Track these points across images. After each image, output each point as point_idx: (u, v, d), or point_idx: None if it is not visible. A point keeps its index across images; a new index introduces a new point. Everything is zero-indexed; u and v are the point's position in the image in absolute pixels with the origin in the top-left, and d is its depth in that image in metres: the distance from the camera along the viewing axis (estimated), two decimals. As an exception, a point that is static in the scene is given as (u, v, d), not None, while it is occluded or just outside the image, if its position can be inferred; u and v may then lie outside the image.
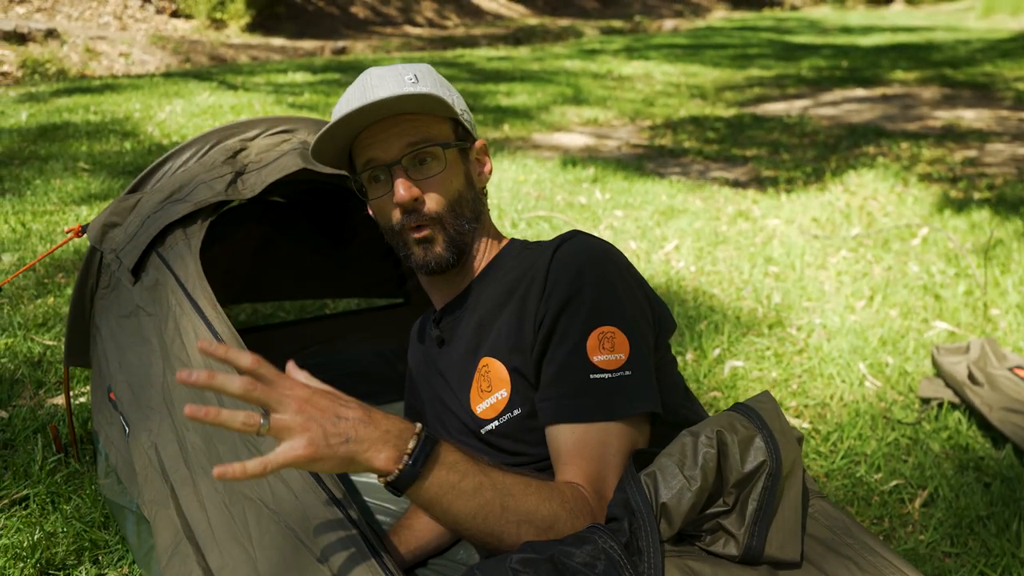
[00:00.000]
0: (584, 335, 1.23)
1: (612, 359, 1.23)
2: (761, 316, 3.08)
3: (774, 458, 1.14)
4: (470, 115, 1.43)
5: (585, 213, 4.35)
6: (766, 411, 1.21)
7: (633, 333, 1.24)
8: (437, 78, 1.39)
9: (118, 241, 1.89)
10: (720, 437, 1.15)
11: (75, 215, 4.02)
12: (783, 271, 3.55)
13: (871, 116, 7.59)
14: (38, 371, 2.55)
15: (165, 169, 2.02)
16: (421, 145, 1.31)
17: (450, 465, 1.07)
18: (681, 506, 1.11)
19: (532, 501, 1.13)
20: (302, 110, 7.08)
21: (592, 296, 1.25)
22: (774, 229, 4.18)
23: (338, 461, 1.01)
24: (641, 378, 1.23)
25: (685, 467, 1.13)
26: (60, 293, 3.11)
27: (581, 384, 1.23)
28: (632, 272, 1.32)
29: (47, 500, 1.95)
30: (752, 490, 1.14)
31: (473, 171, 1.41)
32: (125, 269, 1.80)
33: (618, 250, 1.34)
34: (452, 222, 1.35)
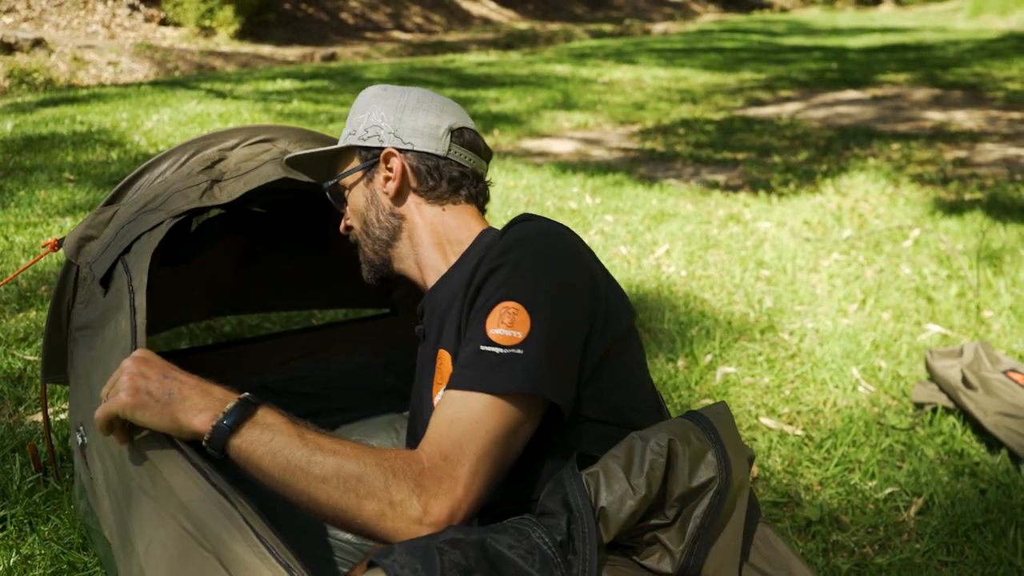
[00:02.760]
0: (489, 309, 1.19)
1: (507, 335, 1.16)
2: (753, 321, 3.05)
3: (724, 476, 1.08)
4: (387, 125, 1.45)
5: (575, 218, 4.32)
6: (722, 424, 1.15)
7: (541, 314, 1.17)
8: (356, 106, 1.50)
9: (93, 254, 1.85)
10: (671, 446, 1.08)
11: (59, 226, 3.97)
12: (775, 275, 3.52)
13: (862, 118, 7.58)
14: (18, 387, 2.51)
15: (142, 181, 1.98)
16: (322, 189, 1.55)
17: (265, 425, 1.10)
18: (621, 513, 1.05)
19: (339, 458, 1.08)
20: (290, 118, 7.04)
21: (508, 273, 1.21)
22: (765, 232, 4.15)
23: (159, 413, 1.12)
24: (536, 361, 1.14)
25: (631, 473, 1.07)
26: (42, 307, 3.07)
27: (471, 355, 1.18)
28: (572, 257, 1.26)
29: (24, 521, 1.91)
30: (696, 506, 1.08)
31: (379, 186, 1.46)
32: (95, 280, 1.76)
33: (565, 234, 1.29)
34: (365, 243, 1.49)
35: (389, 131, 1.44)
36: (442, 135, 1.46)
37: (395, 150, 1.43)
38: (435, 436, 1.12)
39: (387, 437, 2.23)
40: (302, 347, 2.46)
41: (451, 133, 1.46)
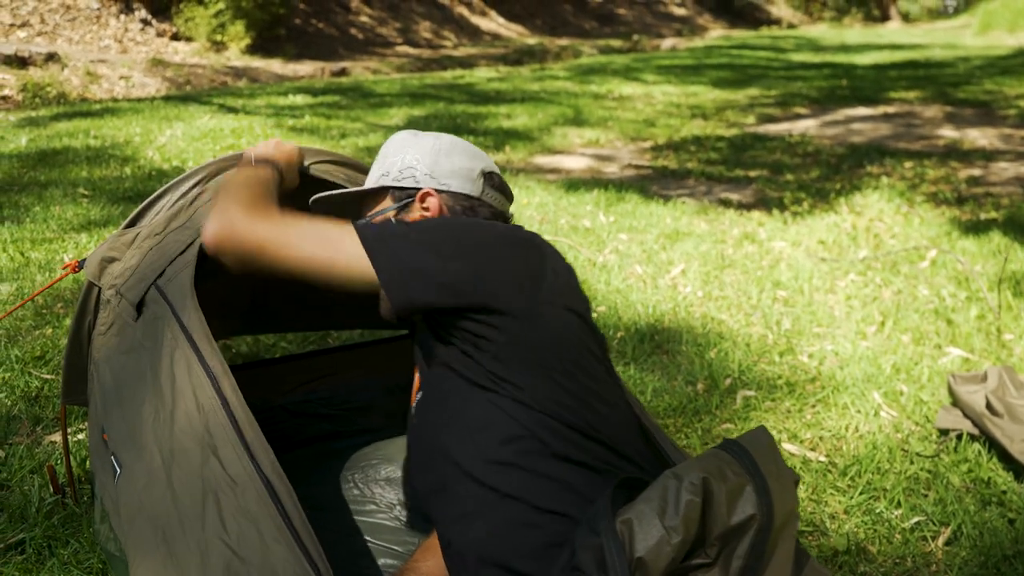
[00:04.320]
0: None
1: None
2: (771, 343, 3.03)
3: (765, 512, 1.05)
4: (422, 167, 1.52)
5: (590, 236, 4.31)
6: (760, 452, 1.12)
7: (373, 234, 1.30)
8: (387, 149, 1.57)
9: (117, 276, 1.84)
10: (706, 485, 1.05)
11: (74, 243, 3.98)
12: (792, 295, 3.50)
13: (874, 135, 7.57)
14: (35, 407, 2.50)
15: (163, 202, 1.97)
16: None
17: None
18: (659, 561, 1.01)
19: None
20: (303, 133, 7.06)
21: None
22: (781, 252, 4.13)
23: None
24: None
25: (666, 516, 1.04)
26: (59, 324, 3.06)
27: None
28: (470, 234, 1.34)
29: (44, 545, 1.89)
30: (738, 545, 1.04)
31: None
32: (127, 304, 1.75)
33: (481, 221, 1.43)
34: None
35: (425, 172, 1.51)
36: (476, 177, 1.52)
37: (433, 190, 1.50)
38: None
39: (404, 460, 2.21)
40: (321, 369, 2.45)
41: (484, 176, 1.52)
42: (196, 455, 1.28)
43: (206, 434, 1.28)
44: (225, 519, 1.16)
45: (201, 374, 1.37)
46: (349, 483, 2.16)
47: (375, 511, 2.03)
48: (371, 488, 2.14)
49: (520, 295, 1.26)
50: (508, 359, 1.25)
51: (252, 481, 1.18)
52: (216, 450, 1.24)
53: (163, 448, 1.45)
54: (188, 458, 1.30)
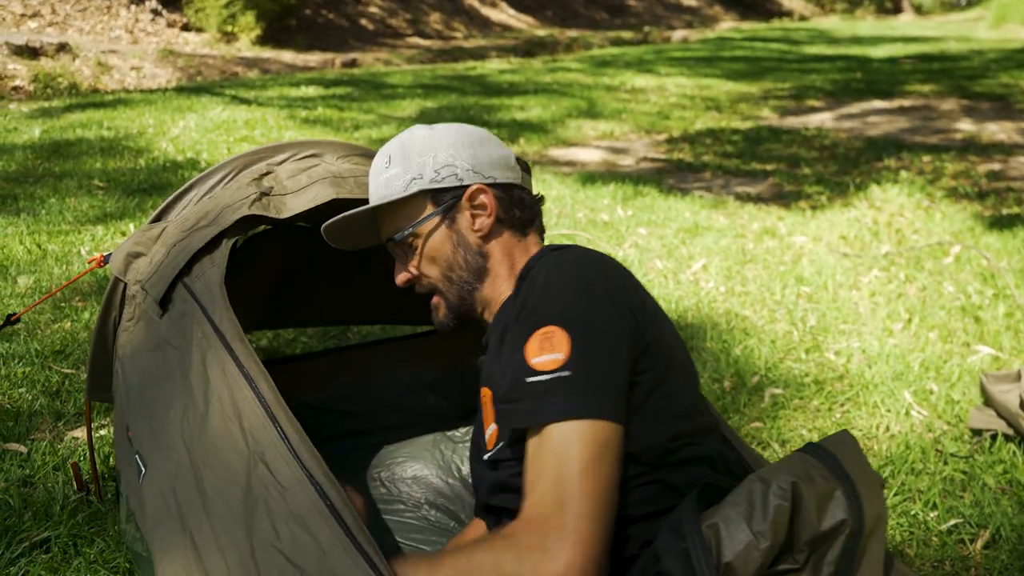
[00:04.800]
0: (526, 339, 1.16)
1: (550, 360, 1.13)
2: (797, 340, 2.99)
3: (856, 516, 1.03)
4: (462, 162, 1.38)
5: (608, 231, 4.27)
6: (846, 456, 1.09)
7: (579, 332, 1.14)
8: (408, 148, 1.40)
9: (142, 272, 1.82)
10: (795, 489, 1.02)
11: (91, 235, 3.96)
12: (815, 292, 3.46)
13: (890, 128, 7.51)
14: (56, 401, 2.48)
15: (190, 197, 1.95)
16: (387, 241, 1.44)
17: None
18: (748, 566, 0.98)
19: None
20: (315, 125, 7.02)
21: (539, 300, 1.19)
22: (802, 247, 4.09)
23: None
24: (585, 379, 1.11)
25: (753, 520, 1.00)
26: (77, 318, 3.04)
27: (517, 389, 1.14)
28: (608, 278, 1.22)
29: (69, 543, 1.87)
30: (829, 551, 1.01)
31: (465, 226, 1.39)
32: (152, 301, 1.73)
33: (599, 258, 1.27)
34: (448, 289, 1.41)
35: (467, 168, 1.38)
36: (514, 164, 1.44)
37: (484, 186, 1.39)
38: (530, 495, 1.09)
39: (431, 459, 2.18)
40: (344, 365, 2.42)
41: (517, 161, 1.45)
42: (236, 461, 1.25)
43: (249, 439, 1.25)
44: (278, 526, 1.14)
45: (238, 376, 1.34)
46: (376, 481, 2.14)
47: (403, 510, 2.01)
48: (398, 487, 2.11)
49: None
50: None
51: (303, 486, 1.15)
52: (263, 456, 1.22)
53: (193, 450, 1.42)
54: (224, 463, 1.27)
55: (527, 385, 1.13)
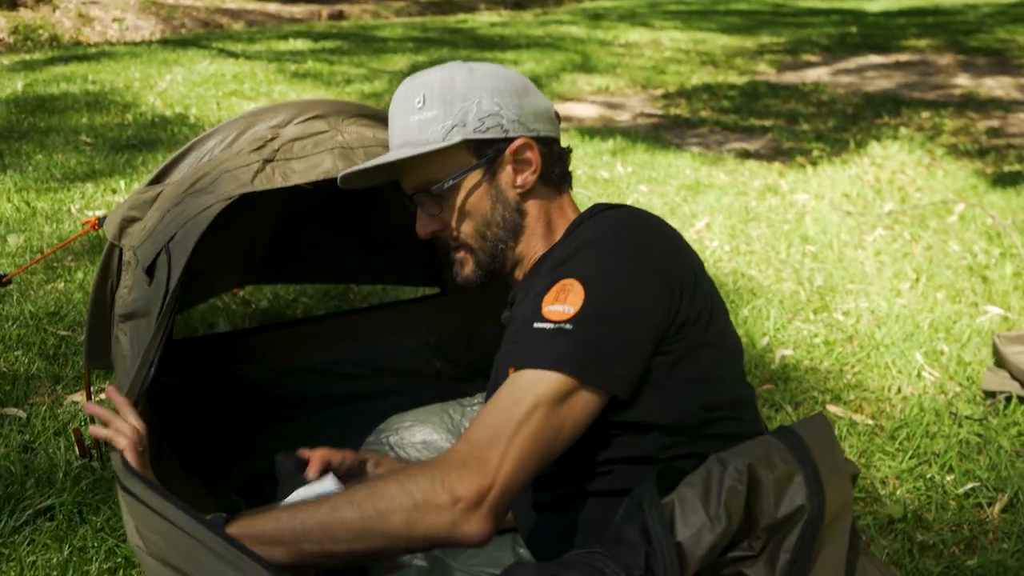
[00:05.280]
0: (549, 286, 1.14)
1: (560, 311, 1.10)
2: (804, 300, 2.96)
3: (815, 504, 0.98)
4: (508, 112, 1.27)
5: (609, 188, 4.20)
6: (815, 440, 1.04)
7: (598, 294, 1.10)
8: (449, 91, 1.27)
9: (136, 237, 1.76)
10: (752, 472, 0.98)
11: (81, 192, 3.86)
12: (820, 250, 3.42)
13: (887, 84, 7.42)
14: (54, 365, 2.42)
15: (188, 159, 1.87)
16: (418, 191, 1.32)
17: (256, 515, 1.12)
18: (698, 549, 0.95)
19: (353, 497, 1.08)
20: (305, 79, 6.88)
21: (574, 254, 1.16)
22: (804, 205, 4.04)
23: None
24: (583, 339, 1.08)
25: (709, 503, 0.97)
26: (71, 279, 2.97)
27: (522, 331, 1.13)
28: (653, 247, 1.18)
29: (74, 511, 1.83)
30: (786, 538, 0.97)
31: (506, 182, 1.30)
32: (141, 268, 1.67)
33: (649, 222, 1.22)
34: (480, 246, 1.32)
35: (512, 119, 1.28)
36: (553, 117, 1.35)
37: (530, 140, 1.29)
38: (472, 424, 1.09)
39: (441, 423, 2.14)
40: (348, 329, 2.37)
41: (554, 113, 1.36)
42: None
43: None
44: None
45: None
46: (384, 446, 2.10)
47: (414, 476, 1.97)
48: (407, 451, 2.07)
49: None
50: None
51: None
52: None
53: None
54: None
55: (532, 330, 1.12)
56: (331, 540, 1.06)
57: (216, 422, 2.07)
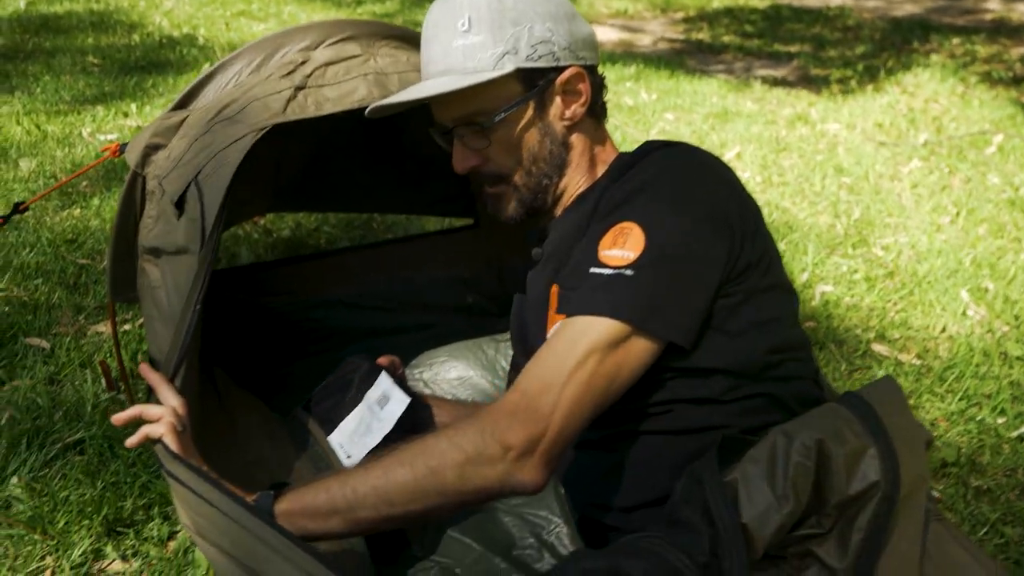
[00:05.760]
0: (605, 230, 1.08)
1: (618, 256, 1.05)
2: (842, 234, 2.87)
3: (890, 479, 0.91)
4: (559, 39, 1.18)
5: (635, 116, 4.08)
6: (887, 408, 0.97)
7: (660, 239, 1.04)
8: (499, 14, 1.16)
9: (161, 166, 1.67)
10: (821, 448, 0.91)
11: (91, 116, 3.75)
12: (856, 183, 3.31)
13: (915, 9, 7.19)
14: (75, 295, 2.35)
15: (212, 84, 1.76)
16: (461, 123, 1.22)
17: (303, 487, 1.07)
18: (765, 530, 0.89)
19: (403, 456, 1.03)
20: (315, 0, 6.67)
21: (631, 194, 1.09)
22: (836, 135, 3.92)
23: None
24: (644, 286, 1.03)
25: (775, 481, 0.91)
26: (86, 205, 2.89)
27: (577, 277, 1.08)
28: (713, 189, 1.11)
29: (104, 445, 1.78)
30: (858, 516, 0.91)
31: (554, 114, 1.22)
32: (168, 200, 1.58)
33: (707, 162, 1.16)
34: (524, 182, 1.25)
35: (563, 46, 1.19)
36: (596, 44, 1.27)
37: (581, 69, 1.21)
38: (524, 373, 1.04)
39: (475, 359, 2.08)
40: (375, 261, 2.29)
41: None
42: None
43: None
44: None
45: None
46: (418, 382, 2.04)
47: (451, 413, 1.92)
48: (442, 388, 2.02)
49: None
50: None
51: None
52: None
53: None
54: None
55: (588, 275, 1.07)
56: (387, 504, 1.01)
57: (247, 356, 2.01)
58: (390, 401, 1.53)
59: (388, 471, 1.03)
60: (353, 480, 1.04)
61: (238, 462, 1.51)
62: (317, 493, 1.05)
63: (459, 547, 1.53)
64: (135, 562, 1.52)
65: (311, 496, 1.05)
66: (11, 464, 1.72)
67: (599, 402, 1.04)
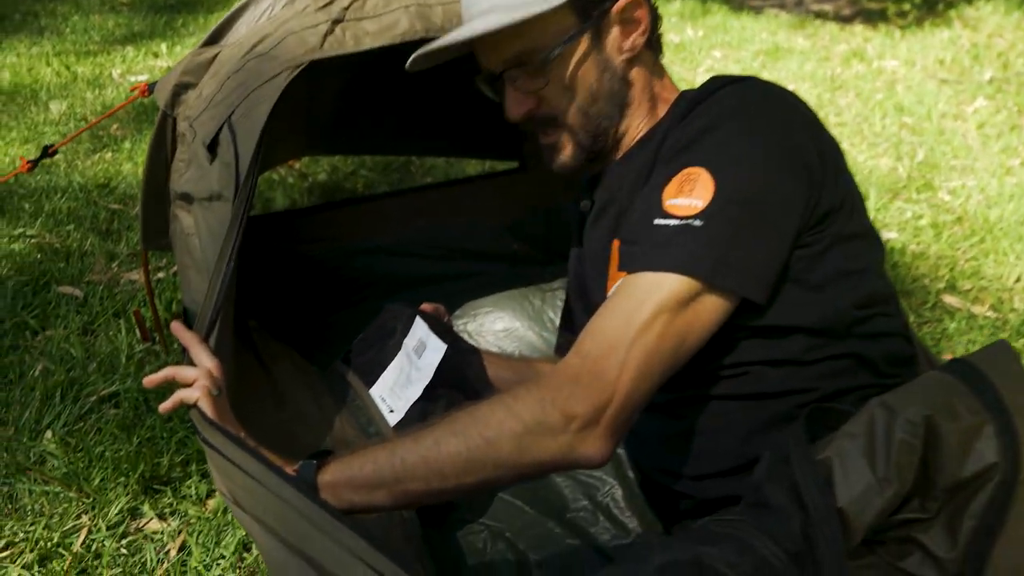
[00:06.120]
0: (669, 177, 0.98)
1: (685, 204, 0.95)
2: (905, 177, 2.72)
3: (1011, 459, 0.80)
4: None
5: (681, 53, 3.90)
6: (1003, 378, 0.85)
7: (732, 185, 0.94)
8: None
9: (192, 106, 1.57)
10: (929, 425, 0.80)
11: (121, 56, 3.66)
12: (917, 123, 3.14)
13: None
14: (108, 241, 2.29)
15: (244, 17, 1.65)
16: (512, 65, 1.11)
17: (348, 456, 0.99)
18: (864, 516, 0.79)
19: (439, 445, 0.93)
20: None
21: (697, 138, 0.98)
22: (894, 72, 3.72)
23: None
24: (715, 236, 0.93)
25: (875, 460, 0.80)
26: (118, 148, 2.82)
27: (639, 230, 0.98)
28: (791, 130, 0.99)
29: (139, 398, 1.72)
30: (971, 501, 0.80)
31: (612, 47, 1.10)
32: (200, 143, 1.48)
33: (784, 100, 1.04)
34: (582, 126, 1.13)
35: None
36: None
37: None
38: (586, 336, 0.94)
39: (521, 310, 1.99)
40: (419, 206, 2.19)
41: None
42: None
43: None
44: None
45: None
46: (462, 333, 1.96)
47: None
48: (487, 339, 1.94)
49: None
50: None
51: None
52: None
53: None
54: None
55: (652, 227, 0.96)
56: (438, 476, 0.93)
57: (284, 306, 1.93)
58: (427, 349, 1.44)
59: (439, 441, 0.94)
60: (402, 450, 0.95)
61: (276, 420, 1.44)
62: (363, 464, 0.97)
63: (510, 510, 1.47)
64: (173, 521, 1.46)
65: (356, 467, 0.97)
66: (45, 417, 1.67)
67: (668, 366, 0.95)
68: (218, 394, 1.08)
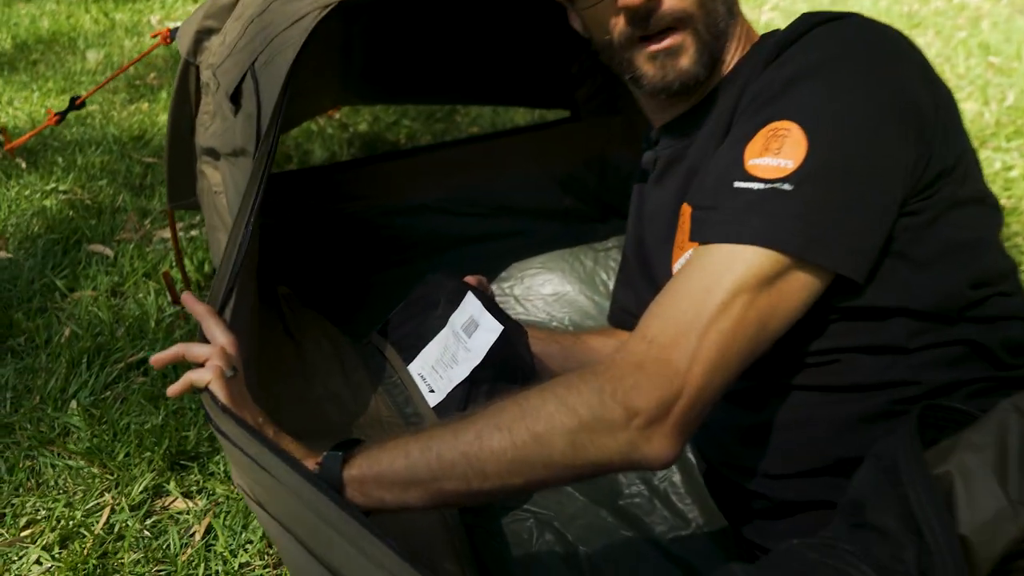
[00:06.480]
0: (753, 132, 0.85)
1: (771, 165, 0.81)
2: (993, 123, 2.49)
3: None
4: None
5: (744, -9, 3.66)
6: None
7: (828, 143, 0.80)
8: None
9: (216, 53, 1.44)
10: None
11: (160, 2, 3.55)
12: (1006, 63, 2.89)
13: None
14: (141, 198, 2.20)
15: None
16: None
17: (378, 448, 0.87)
18: (993, 546, 0.65)
19: (481, 440, 0.81)
20: None
21: (787, 87, 0.85)
22: (978, 7, 3.45)
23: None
24: (811, 205, 0.80)
25: (1008, 478, 0.66)
26: (154, 98, 2.72)
27: (718, 193, 0.85)
28: (901, 79, 0.84)
29: (168, 367, 1.63)
30: None
31: None
32: (223, 94, 1.36)
33: (893, 42, 0.88)
34: (704, 20, 0.96)
35: None
36: None
37: None
38: (651, 316, 0.82)
39: (572, 272, 1.86)
40: (464, 160, 2.05)
41: None
42: None
43: None
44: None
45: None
46: (508, 297, 1.84)
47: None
48: (535, 304, 1.81)
49: None
50: None
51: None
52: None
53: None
54: None
55: (731, 191, 0.83)
56: (479, 475, 0.81)
57: (319, 270, 1.82)
58: (479, 328, 1.31)
59: (481, 436, 0.82)
60: (438, 444, 0.84)
61: (306, 397, 1.33)
62: (394, 458, 0.85)
63: (558, 496, 1.35)
64: (200, 500, 1.37)
65: (387, 461, 0.86)
66: (72, 385, 1.59)
67: (747, 353, 0.81)
68: (232, 375, 0.97)
